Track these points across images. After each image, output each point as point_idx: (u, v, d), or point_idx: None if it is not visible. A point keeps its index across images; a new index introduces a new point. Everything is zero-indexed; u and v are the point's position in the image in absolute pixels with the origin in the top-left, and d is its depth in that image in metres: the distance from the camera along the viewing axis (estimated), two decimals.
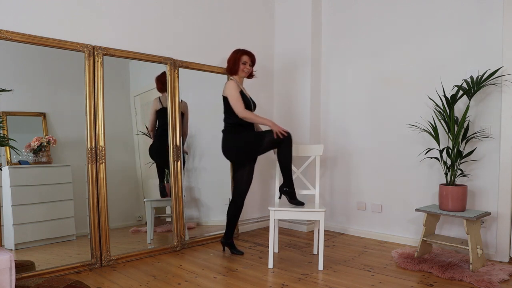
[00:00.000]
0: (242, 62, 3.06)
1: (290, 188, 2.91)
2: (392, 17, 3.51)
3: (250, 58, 3.09)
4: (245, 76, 3.12)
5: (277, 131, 2.83)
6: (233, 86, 2.97)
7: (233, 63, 3.08)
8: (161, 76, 3.24)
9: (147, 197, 3.23)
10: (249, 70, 3.10)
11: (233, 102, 2.94)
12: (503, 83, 2.89)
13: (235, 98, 2.94)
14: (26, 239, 2.56)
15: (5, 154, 2.53)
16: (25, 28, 2.53)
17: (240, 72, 3.08)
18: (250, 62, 3.09)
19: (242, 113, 2.92)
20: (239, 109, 2.92)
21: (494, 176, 2.96)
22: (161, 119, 3.22)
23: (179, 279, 2.54)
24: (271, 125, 2.87)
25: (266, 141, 2.89)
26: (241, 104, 2.93)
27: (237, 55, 3.08)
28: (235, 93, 2.95)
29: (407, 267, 2.73)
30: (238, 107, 2.93)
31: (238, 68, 3.07)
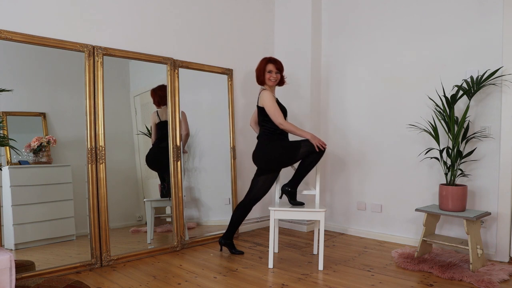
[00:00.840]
0: (268, 71, 3.00)
1: (293, 189, 2.90)
2: (392, 17, 3.51)
3: (275, 65, 3.02)
4: (274, 84, 3.05)
5: (317, 143, 2.81)
6: (269, 96, 2.93)
7: (259, 73, 3.03)
8: (158, 90, 3.22)
9: (147, 197, 3.23)
10: (275, 78, 3.02)
11: (272, 113, 2.90)
12: (503, 83, 2.89)
13: (273, 108, 2.90)
14: (26, 239, 2.56)
15: (5, 154, 2.53)
16: (25, 28, 2.53)
17: (267, 81, 3.01)
18: (275, 69, 3.01)
19: (283, 124, 2.89)
20: (280, 120, 2.89)
21: (494, 176, 2.95)
22: (160, 132, 3.22)
23: (179, 279, 2.54)
24: (311, 138, 2.83)
25: (301, 152, 2.86)
26: (280, 115, 2.90)
27: (261, 65, 3.02)
28: (273, 103, 2.91)
29: (407, 267, 2.73)
30: (278, 118, 2.89)
31: (264, 78, 3.01)
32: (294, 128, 2.90)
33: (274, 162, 2.96)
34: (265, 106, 2.93)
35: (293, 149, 2.88)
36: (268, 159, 2.97)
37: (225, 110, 3.71)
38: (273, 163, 2.97)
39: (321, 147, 2.82)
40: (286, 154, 2.90)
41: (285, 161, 2.94)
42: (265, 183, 3.03)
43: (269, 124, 2.96)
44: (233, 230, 3.12)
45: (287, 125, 2.90)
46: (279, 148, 2.93)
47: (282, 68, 3.07)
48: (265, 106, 2.93)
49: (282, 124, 2.89)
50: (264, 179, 3.03)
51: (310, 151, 2.84)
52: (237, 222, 3.10)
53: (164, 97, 3.23)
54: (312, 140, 2.82)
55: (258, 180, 3.05)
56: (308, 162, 2.88)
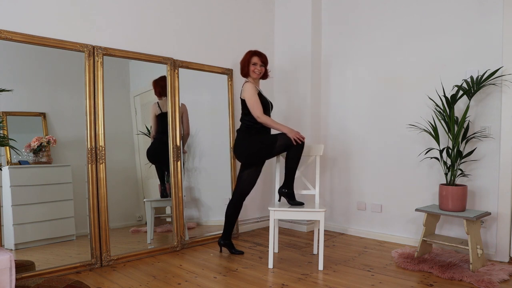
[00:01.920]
0: (252, 63, 3.02)
1: (289, 189, 2.91)
2: (392, 17, 3.51)
3: (260, 58, 3.04)
4: (258, 77, 3.07)
5: (294, 137, 2.82)
6: (251, 88, 2.95)
7: (243, 65, 3.06)
8: (159, 80, 3.22)
9: (147, 197, 3.23)
10: (260, 71, 3.04)
11: (251, 105, 2.92)
12: (503, 83, 2.89)
13: (252, 101, 2.92)
14: (26, 239, 2.56)
15: (5, 154, 2.53)
16: (25, 28, 2.53)
17: (251, 73, 3.03)
18: (260, 62, 3.03)
19: (260, 117, 2.91)
20: (257, 113, 2.90)
21: (494, 176, 2.95)
22: (161, 123, 3.21)
23: (179, 279, 2.54)
24: (288, 132, 2.85)
25: (278, 145, 2.87)
26: (259, 107, 2.91)
27: (246, 57, 3.05)
28: (253, 96, 2.93)
29: (407, 267, 2.73)
30: (256, 111, 2.91)
31: (248, 69, 3.04)
32: (271, 122, 2.93)
33: (253, 156, 3.00)
34: (246, 98, 2.96)
35: (270, 142, 2.91)
36: (248, 153, 3.01)
37: (225, 110, 3.71)
38: (253, 157, 3.01)
39: (298, 141, 2.83)
40: (264, 148, 2.93)
41: (263, 155, 2.99)
42: (249, 176, 3.06)
43: (249, 117, 2.98)
44: (230, 229, 3.13)
45: (264, 118, 2.91)
46: (257, 142, 2.96)
47: (267, 61, 3.10)
48: (246, 98, 2.96)
49: (259, 117, 2.91)
50: (248, 173, 3.06)
51: (287, 144, 2.85)
52: (232, 220, 3.11)
53: (165, 88, 3.22)
54: (289, 133, 2.84)
55: (243, 174, 3.09)
56: (291, 158, 2.89)
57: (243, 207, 3.58)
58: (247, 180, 3.07)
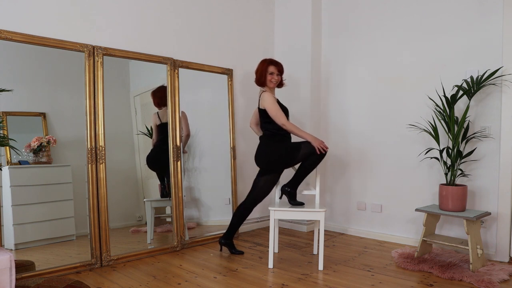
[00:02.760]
0: (269, 73, 3.01)
1: (293, 190, 2.90)
2: (392, 17, 3.51)
3: (277, 68, 3.03)
4: (274, 86, 3.06)
5: (318, 146, 2.81)
6: (271, 97, 2.94)
7: (260, 74, 3.03)
8: (157, 91, 3.22)
9: (147, 197, 3.23)
10: (277, 80, 3.03)
11: (274, 114, 2.91)
12: (503, 83, 2.89)
13: (275, 109, 2.91)
14: (26, 239, 2.56)
15: (5, 154, 2.53)
16: (25, 28, 2.53)
17: (268, 83, 3.02)
18: (277, 71, 3.03)
19: (286, 125, 2.89)
20: (282, 121, 2.90)
21: (494, 176, 2.95)
22: (161, 133, 3.22)
23: (179, 279, 2.54)
24: (312, 141, 2.83)
25: (301, 153, 2.86)
26: (282, 115, 2.91)
27: (263, 66, 3.02)
28: (274, 104, 2.92)
29: (407, 267, 2.73)
30: (281, 119, 2.90)
31: (265, 79, 3.01)
32: (296, 129, 2.91)
33: (275, 163, 2.97)
34: (267, 108, 2.93)
35: (294, 150, 2.88)
36: (269, 160, 2.98)
37: (225, 110, 3.71)
38: (274, 164, 2.98)
39: (322, 150, 2.82)
40: (287, 155, 2.91)
41: (285, 162, 2.95)
42: (266, 183, 3.04)
43: (272, 126, 2.96)
44: (233, 231, 3.13)
45: (289, 126, 2.90)
46: (280, 149, 2.94)
47: (283, 70, 3.09)
48: (267, 107, 2.93)
49: (285, 124, 2.90)
50: (265, 180, 3.03)
51: (310, 153, 2.84)
52: (238, 222, 3.10)
53: (164, 98, 3.23)
54: (313, 142, 2.82)
55: (260, 180, 3.05)
56: (308, 164, 2.88)
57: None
58: (263, 187, 3.04)
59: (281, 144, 2.96)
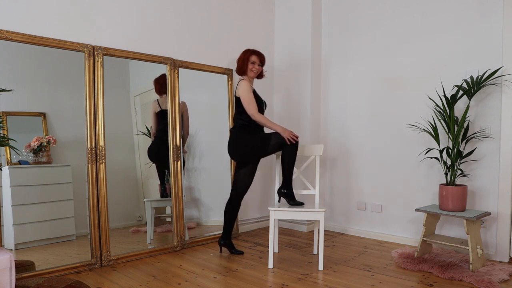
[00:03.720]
0: (251, 62, 3.04)
1: (288, 190, 2.91)
2: (392, 17, 3.51)
3: (259, 57, 3.07)
4: (254, 76, 3.09)
5: (287, 136, 2.83)
6: (246, 86, 2.96)
7: (242, 63, 3.06)
8: (159, 79, 3.23)
9: (147, 197, 3.23)
10: (257, 70, 3.06)
11: (246, 103, 2.93)
12: (503, 83, 2.89)
13: (248, 99, 2.93)
14: (26, 239, 2.56)
15: (5, 154, 2.53)
16: (25, 28, 2.53)
17: (248, 72, 3.05)
18: (258, 61, 3.06)
19: (255, 115, 2.92)
20: (252, 111, 2.92)
21: (494, 176, 2.95)
22: (161, 121, 3.22)
23: (179, 279, 2.54)
24: (282, 131, 2.85)
25: (272, 144, 2.88)
26: (254, 106, 2.93)
27: (245, 55, 3.06)
28: (248, 94, 2.94)
29: (407, 267, 2.73)
30: (251, 108, 2.92)
31: (246, 68, 3.04)
32: (265, 120, 2.93)
33: (247, 154, 3.01)
34: (241, 96, 2.96)
35: (264, 141, 2.91)
36: (242, 152, 3.01)
37: (225, 110, 3.71)
38: (247, 156, 3.01)
39: (292, 140, 2.83)
40: (258, 147, 2.94)
41: (257, 153, 2.99)
42: (245, 175, 3.06)
43: (244, 116, 2.98)
44: (229, 229, 3.13)
45: (258, 116, 2.92)
46: (251, 140, 2.97)
47: (265, 61, 3.13)
48: (241, 95, 2.96)
49: (254, 115, 2.92)
50: (243, 172, 3.07)
51: (281, 143, 2.86)
52: (231, 220, 3.11)
53: (165, 85, 3.23)
54: (282, 133, 2.85)
55: (239, 173, 3.09)
56: (286, 158, 2.89)
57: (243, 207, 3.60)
58: (244, 179, 3.07)
59: (252, 136, 2.98)
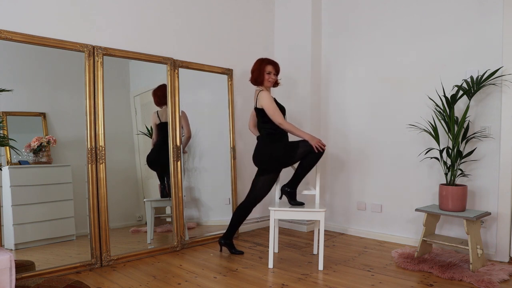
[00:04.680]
0: (267, 72, 3.02)
1: (292, 189, 2.90)
2: (392, 17, 3.51)
3: (275, 67, 3.06)
4: (271, 86, 3.08)
5: (315, 145, 2.82)
6: (269, 96, 2.95)
7: (257, 74, 3.04)
8: (157, 90, 3.22)
9: (147, 197, 3.23)
10: (274, 80, 3.06)
11: (271, 113, 2.91)
12: (503, 83, 2.89)
13: (273, 108, 2.92)
14: (26, 239, 2.56)
15: (5, 154, 2.53)
16: (25, 28, 2.53)
17: (265, 82, 3.03)
18: (274, 71, 3.05)
19: (283, 124, 2.90)
20: (280, 120, 2.90)
21: (494, 176, 2.95)
22: (160, 132, 3.22)
23: (179, 279, 2.54)
24: (310, 139, 2.84)
25: (299, 152, 2.87)
26: (280, 114, 2.91)
27: (261, 66, 3.03)
28: (272, 104, 2.93)
29: (407, 267, 2.73)
30: (278, 118, 2.90)
31: (263, 78, 3.02)
32: (293, 128, 2.91)
33: (273, 162, 2.97)
34: (265, 107, 2.94)
35: (292, 149, 2.89)
36: (267, 160, 2.98)
37: (225, 110, 3.71)
38: (272, 163, 2.98)
39: (319, 148, 2.82)
40: (285, 154, 2.91)
41: (284, 161, 2.95)
42: (265, 183, 3.03)
43: (269, 125, 2.97)
44: (233, 231, 3.13)
45: (286, 125, 2.91)
46: (278, 148, 2.95)
47: (279, 70, 3.13)
48: (265, 106, 2.94)
49: (282, 124, 2.90)
50: (264, 180, 3.03)
51: (308, 151, 2.84)
52: (237, 222, 3.10)
53: (164, 97, 3.23)
54: (310, 141, 2.83)
55: (259, 180, 3.05)
56: (307, 163, 2.88)
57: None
58: (263, 187, 3.04)
59: (279, 144, 2.96)
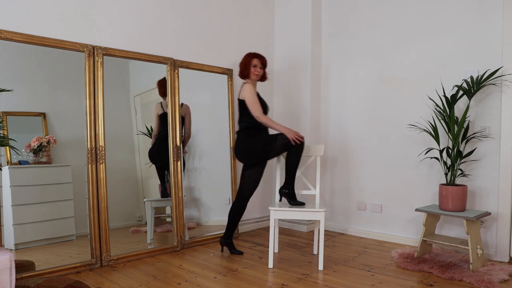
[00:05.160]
0: (253, 65, 3.06)
1: (290, 189, 2.91)
2: (392, 17, 3.51)
3: (261, 60, 3.09)
4: (257, 79, 3.11)
5: (292, 137, 2.83)
6: (251, 89, 2.99)
7: (243, 67, 3.09)
8: (163, 81, 3.24)
9: (147, 197, 3.23)
10: (260, 73, 3.09)
11: (251, 105, 2.96)
12: (503, 83, 2.89)
13: (253, 101, 2.96)
14: (26, 239, 2.56)
15: (5, 154, 2.53)
16: (25, 28, 2.53)
17: (251, 75, 3.07)
18: (260, 64, 3.08)
19: (260, 117, 2.94)
20: (257, 113, 2.94)
21: (494, 176, 2.95)
22: (163, 123, 3.22)
23: (179, 279, 2.54)
24: (287, 132, 2.86)
25: (277, 145, 2.89)
26: (259, 107, 2.95)
27: (247, 59, 3.09)
28: (253, 96, 2.97)
29: (407, 267, 2.73)
30: (256, 110, 2.94)
31: (249, 71, 3.07)
32: (270, 121, 2.95)
33: (254, 155, 3.02)
34: (246, 98, 2.99)
35: (270, 142, 2.93)
36: (248, 154, 3.03)
37: (225, 110, 3.71)
38: (253, 157, 3.03)
39: (297, 140, 2.84)
40: (264, 148, 2.96)
41: (264, 155, 3.00)
42: (250, 176, 3.07)
43: (248, 118, 3.01)
44: (232, 229, 3.13)
45: (264, 118, 2.95)
46: (256, 142, 2.99)
47: (266, 63, 3.16)
48: (246, 97, 2.99)
49: (259, 117, 2.94)
50: (250, 173, 3.07)
51: (286, 144, 2.87)
52: (235, 220, 3.11)
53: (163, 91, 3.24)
54: (287, 133, 2.86)
55: (245, 174, 3.09)
56: (291, 159, 2.90)
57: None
58: (249, 180, 3.07)
59: (257, 138, 3.00)
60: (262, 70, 3.11)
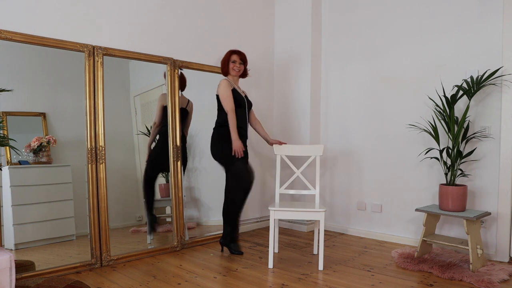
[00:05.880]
0: (232, 61, 3.11)
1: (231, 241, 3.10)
2: (392, 17, 3.51)
3: (239, 56, 3.13)
4: (237, 74, 3.15)
5: (235, 149, 2.91)
6: (225, 84, 3.03)
7: (223, 63, 3.15)
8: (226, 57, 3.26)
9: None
10: (239, 69, 3.12)
11: (223, 100, 3.01)
12: (503, 83, 2.89)
13: (225, 96, 3.00)
14: (26, 239, 2.56)
15: (5, 154, 2.53)
16: (25, 28, 2.53)
17: (230, 71, 3.12)
18: (239, 60, 3.12)
19: (229, 112, 2.97)
20: (228, 108, 2.98)
21: (494, 176, 2.95)
22: (166, 115, 3.22)
23: (179, 279, 2.54)
24: (233, 141, 2.92)
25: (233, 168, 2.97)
26: (229, 103, 2.98)
27: (226, 55, 3.14)
28: (226, 91, 3.00)
29: (407, 267, 2.73)
30: (228, 105, 2.98)
31: (228, 68, 3.12)
32: (230, 123, 2.96)
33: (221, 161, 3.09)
34: (219, 92, 3.03)
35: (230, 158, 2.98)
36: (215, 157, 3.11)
37: None
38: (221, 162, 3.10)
39: (237, 154, 2.91)
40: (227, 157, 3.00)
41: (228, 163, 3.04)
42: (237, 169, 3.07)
43: (222, 114, 3.06)
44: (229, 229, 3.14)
45: (230, 116, 2.96)
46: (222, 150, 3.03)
47: (246, 59, 3.18)
48: (219, 93, 3.03)
49: (228, 112, 2.98)
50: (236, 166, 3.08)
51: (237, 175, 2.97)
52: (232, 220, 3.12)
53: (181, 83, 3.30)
54: (233, 143, 2.92)
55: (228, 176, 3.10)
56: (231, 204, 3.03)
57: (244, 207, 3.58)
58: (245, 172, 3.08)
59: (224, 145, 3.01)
60: (242, 66, 3.15)
